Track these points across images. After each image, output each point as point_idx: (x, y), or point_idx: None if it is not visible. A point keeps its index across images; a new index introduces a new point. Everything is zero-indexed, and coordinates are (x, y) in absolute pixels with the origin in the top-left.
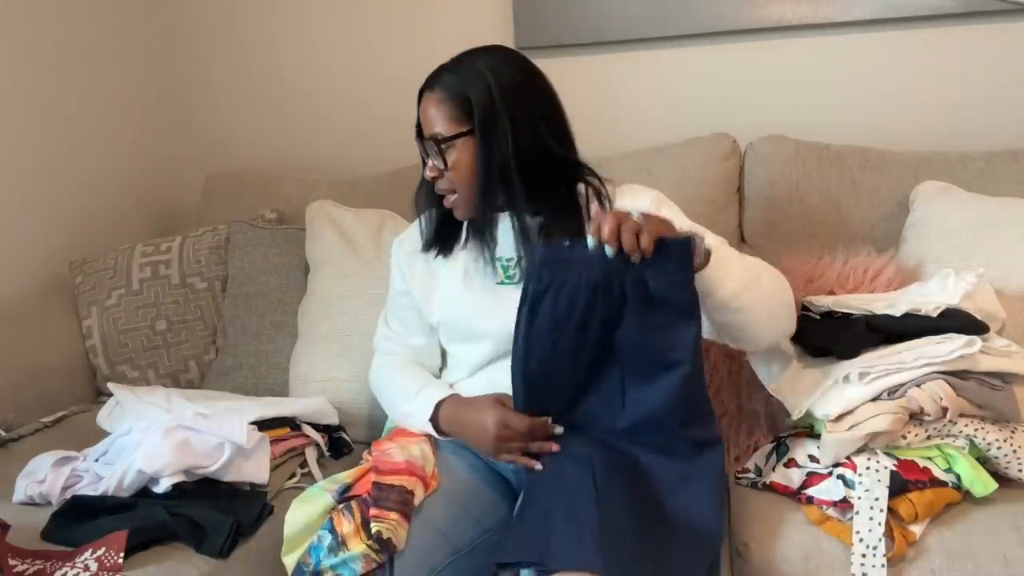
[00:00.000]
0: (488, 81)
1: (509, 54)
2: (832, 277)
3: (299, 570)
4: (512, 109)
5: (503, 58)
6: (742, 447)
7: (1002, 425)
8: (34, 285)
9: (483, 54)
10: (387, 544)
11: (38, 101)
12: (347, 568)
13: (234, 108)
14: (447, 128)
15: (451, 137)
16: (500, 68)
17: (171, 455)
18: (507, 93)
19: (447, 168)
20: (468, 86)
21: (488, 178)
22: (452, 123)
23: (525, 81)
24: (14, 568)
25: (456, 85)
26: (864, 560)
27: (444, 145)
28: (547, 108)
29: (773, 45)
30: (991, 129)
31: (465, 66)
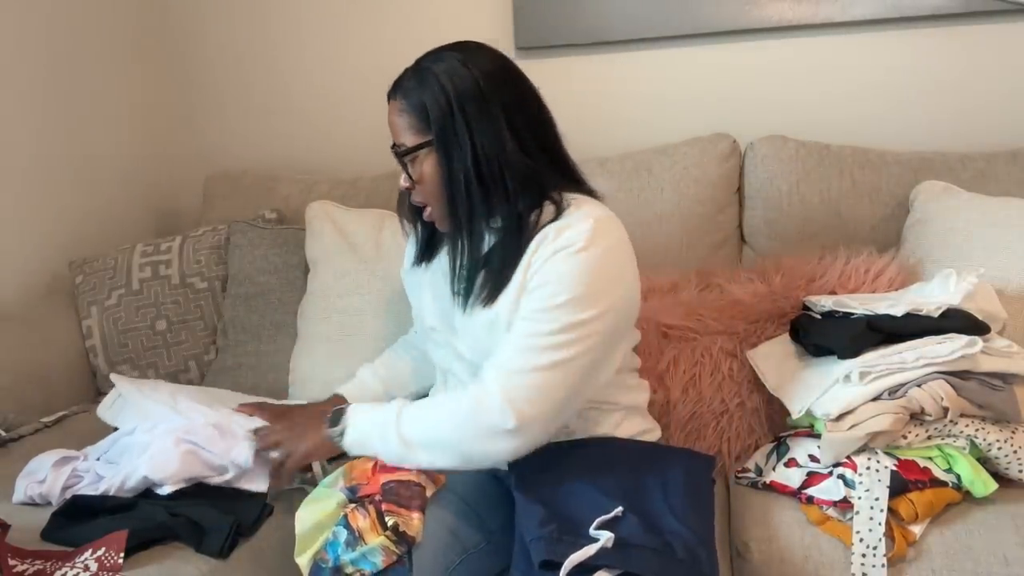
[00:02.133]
0: (446, 87)
1: (475, 55)
2: (834, 277)
3: (317, 568)
4: (470, 116)
5: (466, 60)
6: (743, 445)
7: (1003, 425)
8: (34, 285)
9: (447, 55)
10: (404, 536)
11: (38, 101)
12: (367, 562)
13: (234, 108)
14: (409, 139)
15: (412, 149)
16: (460, 72)
17: (179, 465)
18: (466, 100)
19: (415, 182)
20: (426, 94)
21: (453, 191)
22: (413, 134)
23: (489, 85)
24: (14, 568)
25: (415, 93)
26: (864, 560)
27: (407, 157)
28: (515, 113)
29: (773, 45)
30: (991, 129)
31: (423, 71)
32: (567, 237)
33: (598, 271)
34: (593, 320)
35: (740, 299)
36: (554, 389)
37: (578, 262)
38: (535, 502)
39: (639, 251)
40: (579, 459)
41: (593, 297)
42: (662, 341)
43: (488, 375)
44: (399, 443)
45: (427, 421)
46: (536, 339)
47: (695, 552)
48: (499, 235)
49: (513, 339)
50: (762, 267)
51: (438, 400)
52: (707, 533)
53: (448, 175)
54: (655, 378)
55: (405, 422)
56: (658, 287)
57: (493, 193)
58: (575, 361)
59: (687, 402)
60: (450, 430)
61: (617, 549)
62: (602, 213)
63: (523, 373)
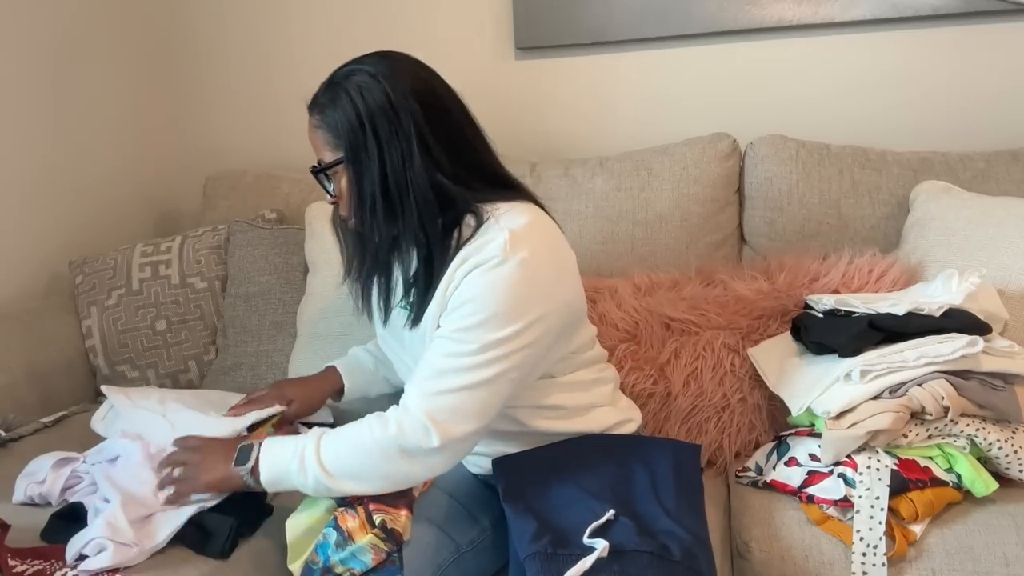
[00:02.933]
0: (356, 103)
1: (389, 68)
2: (837, 276)
3: (308, 570)
4: (380, 133)
5: (378, 74)
6: (743, 441)
7: (1003, 425)
8: (34, 285)
9: (359, 69)
10: (393, 534)
11: (38, 102)
12: (356, 561)
13: (234, 108)
14: (326, 155)
15: (326, 166)
16: (370, 87)
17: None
18: (375, 115)
19: (333, 197)
20: (337, 110)
21: (362, 209)
22: (329, 150)
23: (401, 100)
24: (14, 568)
25: (328, 109)
26: (864, 559)
27: (324, 174)
28: (432, 128)
29: (773, 45)
30: (991, 129)
31: (335, 87)
32: (483, 254)
33: (514, 285)
34: (515, 336)
35: (743, 295)
36: (478, 407)
37: (494, 278)
38: (525, 514)
39: (639, 251)
40: (565, 459)
41: (513, 312)
42: (664, 333)
43: (409, 396)
44: (321, 474)
45: (348, 448)
46: (457, 359)
47: (692, 552)
48: (420, 255)
49: (434, 359)
50: (765, 265)
51: (358, 427)
52: (701, 529)
53: (358, 193)
54: (656, 369)
55: (326, 452)
56: (660, 284)
57: (399, 212)
58: (500, 378)
59: (688, 395)
60: (374, 455)
61: (613, 557)
62: (523, 221)
63: (445, 394)
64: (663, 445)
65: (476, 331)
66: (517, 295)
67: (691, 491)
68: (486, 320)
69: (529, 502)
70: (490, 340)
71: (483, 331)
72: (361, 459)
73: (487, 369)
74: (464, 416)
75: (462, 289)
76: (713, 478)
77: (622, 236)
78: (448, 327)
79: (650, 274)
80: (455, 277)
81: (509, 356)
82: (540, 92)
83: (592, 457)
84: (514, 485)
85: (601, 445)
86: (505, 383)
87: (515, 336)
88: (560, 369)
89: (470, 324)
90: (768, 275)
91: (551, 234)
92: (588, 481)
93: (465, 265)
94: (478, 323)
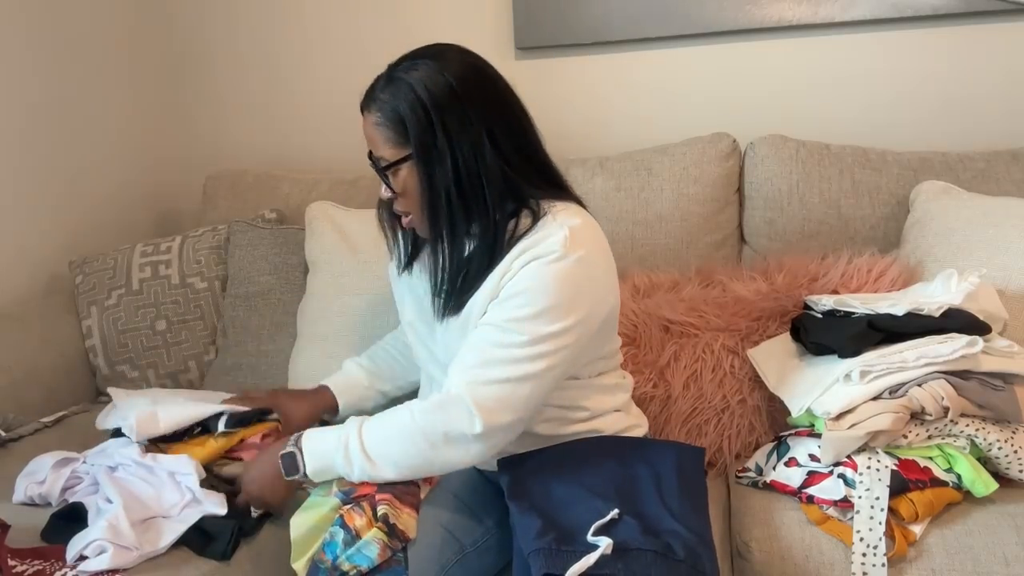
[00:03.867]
0: (422, 98)
1: (450, 60)
2: (836, 276)
3: (315, 568)
4: (449, 127)
5: (441, 67)
6: (743, 442)
7: (1003, 425)
8: (34, 285)
9: (422, 63)
10: (395, 529)
11: (38, 101)
12: (362, 556)
13: (234, 108)
14: (388, 153)
15: (392, 164)
16: (436, 79)
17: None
18: (444, 109)
19: (396, 193)
20: (401, 106)
21: (434, 204)
22: (391, 147)
23: (465, 92)
24: (14, 568)
25: (390, 105)
26: (864, 559)
27: (388, 171)
28: (495, 118)
29: (773, 45)
30: (991, 129)
31: (398, 82)
32: (543, 247)
33: (571, 281)
34: (564, 332)
35: (742, 296)
36: (523, 399)
37: (550, 272)
38: (530, 512)
39: (639, 251)
40: (569, 460)
41: (565, 308)
42: (663, 335)
43: (455, 381)
44: (364, 460)
45: (391, 434)
46: (507, 350)
47: (695, 551)
48: (477, 242)
49: (482, 347)
50: (764, 266)
51: (399, 413)
52: (705, 529)
53: (429, 188)
54: (656, 372)
55: (368, 439)
56: (659, 284)
57: (473, 205)
58: (547, 372)
59: (688, 397)
60: (418, 441)
61: (617, 554)
62: (579, 221)
63: (492, 384)
64: (667, 447)
65: (529, 323)
66: (572, 291)
67: (695, 493)
68: (540, 313)
69: (534, 500)
70: (542, 333)
71: (536, 323)
72: (404, 445)
73: (536, 363)
74: (508, 406)
75: (518, 279)
76: (713, 479)
77: (622, 236)
78: (499, 316)
79: (649, 275)
80: (512, 267)
81: (557, 352)
82: (540, 92)
83: (596, 457)
84: (519, 484)
85: (606, 446)
86: (550, 378)
87: (564, 332)
88: (587, 372)
89: (523, 315)
90: (767, 276)
91: (601, 237)
92: (592, 481)
93: (524, 256)
94: (532, 315)
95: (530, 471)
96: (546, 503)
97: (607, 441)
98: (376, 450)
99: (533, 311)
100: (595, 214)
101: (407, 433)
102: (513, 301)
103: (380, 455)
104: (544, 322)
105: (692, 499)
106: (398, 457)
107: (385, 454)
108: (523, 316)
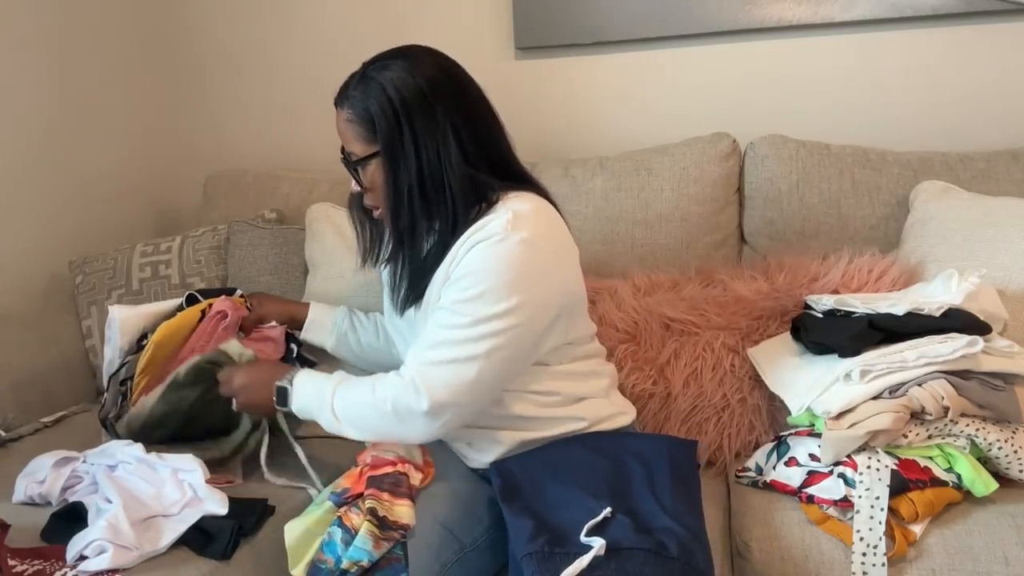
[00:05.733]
0: (392, 97)
1: (421, 61)
2: (837, 276)
3: (315, 569)
4: (416, 127)
5: (412, 68)
6: (743, 441)
7: (1003, 425)
8: (34, 285)
9: (393, 63)
10: (386, 521)
11: (38, 101)
12: (360, 551)
13: (234, 108)
14: (358, 148)
15: (361, 159)
16: (405, 80)
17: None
18: (411, 109)
19: (365, 188)
20: (372, 104)
21: (396, 200)
22: (361, 143)
23: (435, 93)
24: (14, 568)
25: (361, 104)
26: (864, 559)
27: (357, 166)
28: (462, 120)
29: (773, 45)
30: (991, 129)
31: (369, 80)
32: (486, 231)
33: (511, 262)
34: (508, 313)
35: (743, 295)
36: (468, 381)
37: (491, 254)
38: (522, 514)
39: (639, 251)
40: (560, 460)
41: (506, 288)
42: (664, 333)
43: (408, 362)
44: (332, 417)
45: (353, 401)
46: (452, 331)
47: (689, 548)
48: (436, 238)
49: (433, 329)
50: (764, 266)
51: (365, 384)
52: (698, 525)
53: (393, 184)
54: (656, 370)
55: (338, 400)
56: (660, 284)
57: (435, 203)
58: (492, 354)
59: (688, 396)
60: (372, 412)
61: (610, 555)
62: (527, 207)
63: (439, 365)
64: (659, 441)
65: (471, 304)
66: (513, 272)
67: (687, 487)
68: (481, 294)
69: (526, 502)
70: (484, 314)
71: (477, 305)
72: (364, 413)
73: (479, 344)
74: (454, 387)
75: (464, 262)
76: (713, 478)
77: (622, 236)
78: (447, 299)
79: (650, 274)
80: (459, 253)
81: (501, 333)
82: (540, 92)
83: (588, 455)
84: (511, 485)
85: (597, 443)
86: (498, 361)
87: (507, 313)
88: (555, 358)
89: (467, 297)
90: (767, 275)
91: (553, 221)
92: (584, 479)
93: (469, 241)
94: (474, 296)
95: (522, 472)
96: (538, 504)
97: (598, 437)
98: (343, 412)
99: (475, 292)
100: (595, 214)
101: (367, 403)
102: (458, 284)
103: (345, 417)
104: (485, 303)
105: (685, 494)
106: (358, 422)
107: (349, 417)
108: (466, 298)
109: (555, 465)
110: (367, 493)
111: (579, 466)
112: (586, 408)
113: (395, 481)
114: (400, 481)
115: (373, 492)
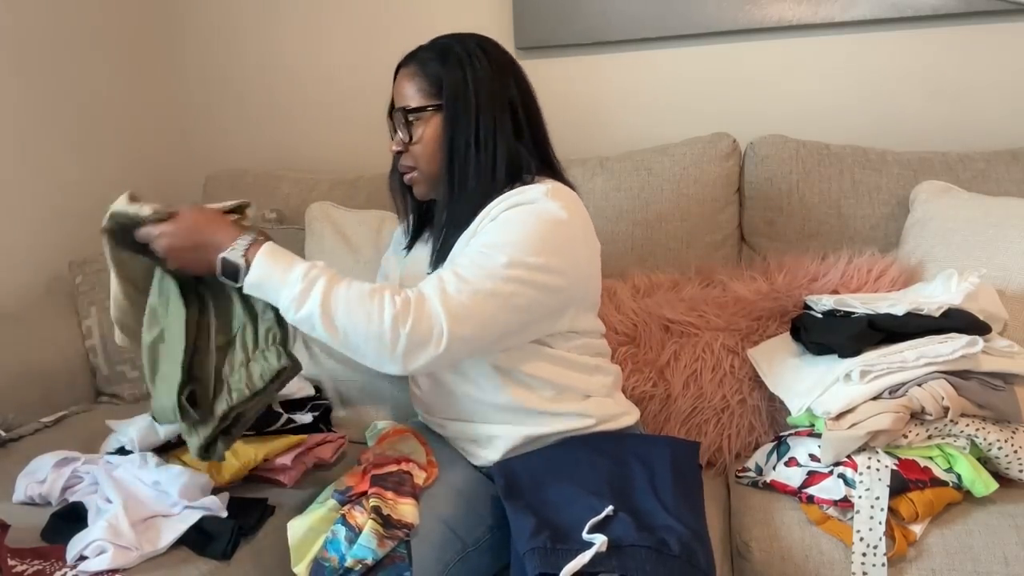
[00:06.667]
0: (464, 65)
1: (491, 46)
2: (836, 276)
3: (319, 567)
4: (480, 91)
5: (479, 46)
6: (743, 442)
7: (1003, 425)
8: (34, 285)
9: (468, 39)
10: (391, 519)
11: (38, 101)
12: (364, 550)
13: (234, 108)
14: (417, 100)
15: (419, 108)
16: (476, 53)
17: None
18: (480, 82)
19: (412, 141)
20: (442, 63)
21: (452, 155)
22: (422, 96)
23: (501, 74)
24: (14, 568)
25: (431, 61)
26: (864, 559)
27: (412, 117)
28: (519, 99)
29: (773, 45)
30: (991, 129)
31: (445, 48)
32: (524, 196)
33: (550, 227)
34: (539, 269)
35: (742, 296)
36: (486, 316)
37: (532, 211)
38: (525, 511)
39: (639, 251)
40: (563, 459)
41: (541, 245)
42: (663, 335)
43: (428, 287)
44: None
45: (355, 303)
46: (481, 268)
47: (690, 546)
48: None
49: (460, 264)
50: (764, 266)
51: (374, 293)
52: (699, 524)
53: (450, 140)
54: (656, 371)
55: (336, 295)
56: (659, 284)
57: (484, 165)
58: (514, 298)
59: (688, 397)
60: (360, 307)
61: (612, 552)
62: (564, 189)
63: (463, 293)
64: (661, 442)
65: (508, 248)
66: (548, 235)
67: (689, 487)
68: (519, 241)
69: (528, 499)
70: (516, 259)
71: (514, 249)
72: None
73: (508, 284)
74: (472, 319)
75: (499, 218)
76: (713, 478)
77: (622, 236)
78: (478, 242)
79: (649, 275)
80: (492, 212)
81: (527, 283)
82: (540, 92)
83: (590, 455)
84: (513, 484)
85: (599, 444)
86: (514, 308)
87: (538, 269)
88: (557, 342)
89: (503, 241)
90: (767, 275)
91: (584, 211)
92: (586, 478)
93: (504, 203)
94: (511, 241)
95: (524, 471)
96: (540, 502)
97: (600, 438)
98: (338, 313)
99: (512, 238)
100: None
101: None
102: (492, 227)
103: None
104: (520, 250)
105: (687, 494)
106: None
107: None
108: (503, 242)
109: (557, 464)
110: (371, 491)
111: (581, 465)
112: (593, 405)
113: (399, 480)
114: (404, 480)
115: (377, 490)
